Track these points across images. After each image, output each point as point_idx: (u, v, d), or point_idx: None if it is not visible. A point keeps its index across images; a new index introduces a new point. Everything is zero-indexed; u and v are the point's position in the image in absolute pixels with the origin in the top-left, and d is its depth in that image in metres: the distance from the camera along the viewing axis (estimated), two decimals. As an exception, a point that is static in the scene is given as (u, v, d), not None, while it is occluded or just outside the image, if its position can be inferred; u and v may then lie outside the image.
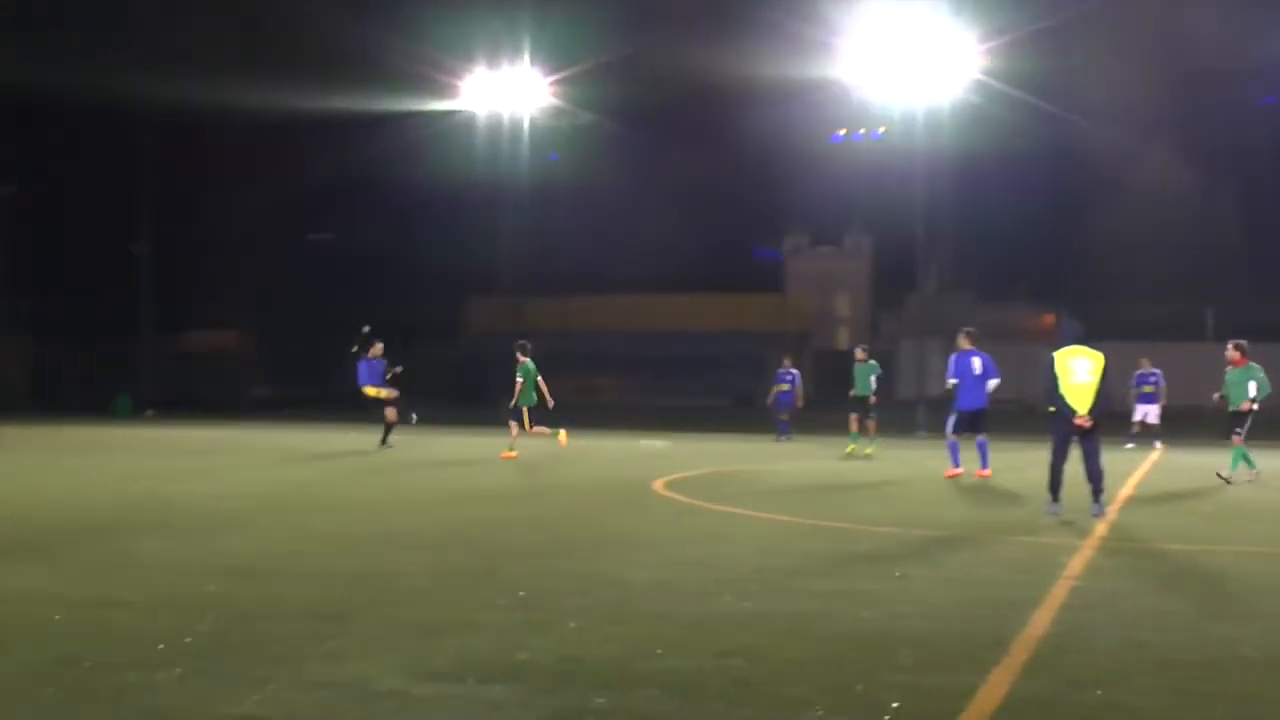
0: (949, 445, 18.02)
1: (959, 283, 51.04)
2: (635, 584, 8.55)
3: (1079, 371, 12.59)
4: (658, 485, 16.14)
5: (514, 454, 21.24)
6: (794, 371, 28.76)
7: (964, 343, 17.95)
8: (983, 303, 53.58)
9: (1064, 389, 12.59)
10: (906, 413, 35.13)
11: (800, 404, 28.68)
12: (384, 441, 22.99)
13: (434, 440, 25.83)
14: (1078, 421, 12.48)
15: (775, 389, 28.88)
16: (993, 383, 17.65)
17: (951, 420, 17.94)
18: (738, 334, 54.81)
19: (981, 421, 17.78)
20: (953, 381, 17.84)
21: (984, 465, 17.67)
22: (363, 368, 23.44)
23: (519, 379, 21.49)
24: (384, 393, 23.33)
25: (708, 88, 40.42)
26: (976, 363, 17.75)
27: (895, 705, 5.50)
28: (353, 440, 23.11)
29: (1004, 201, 49.03)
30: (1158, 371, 26.80)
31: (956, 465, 17.80)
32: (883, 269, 57.09)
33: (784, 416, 28.38)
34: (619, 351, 55.10)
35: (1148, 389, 26.63)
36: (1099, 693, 5.80)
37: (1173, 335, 46.79)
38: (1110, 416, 13.30)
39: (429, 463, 20.43)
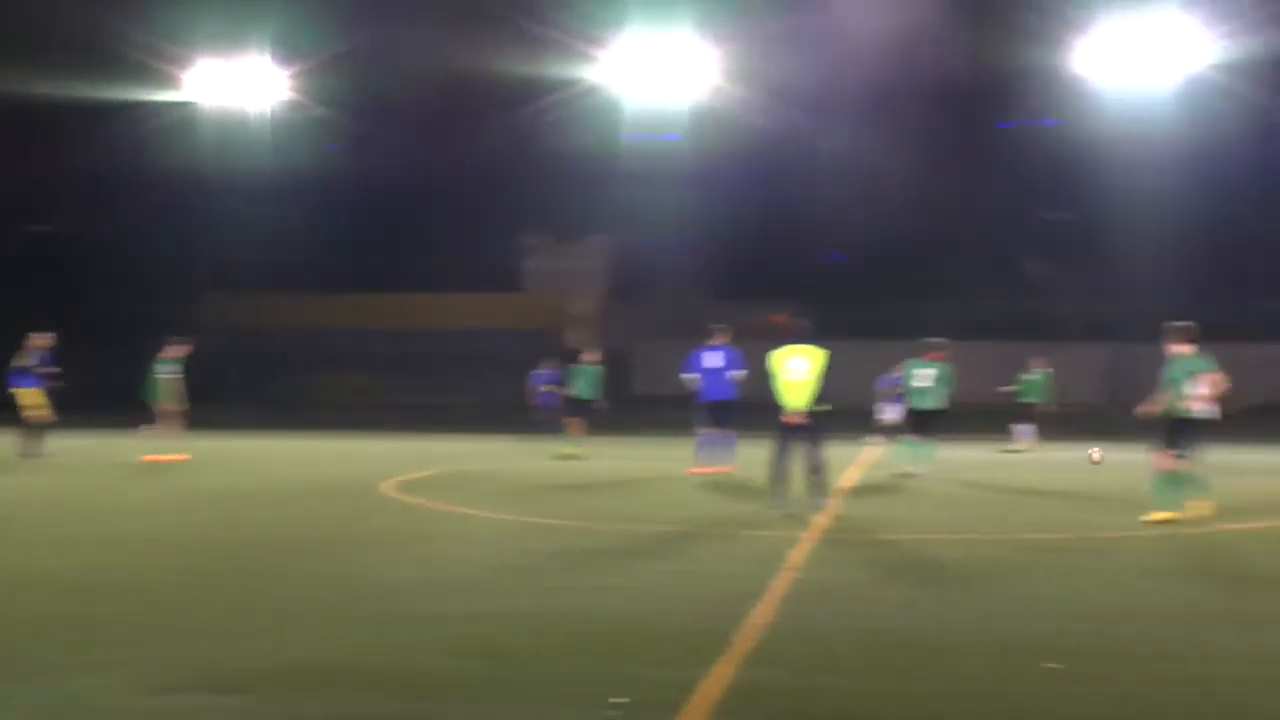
0: (698, 440, 18.48)
1: (696, 282, 52.07)
2: (369, 586, 8.53)
3: (795, 370, 13.05)
4: (391, 486, 16.02)
5: (179, 456, 20.16)
6: (553, 372, 28.75)
7: (712, 339, 18.39)
8: (720, 301, 54.72)
9: (780, 386, 13.07)
10: (640, 411, 35.68)
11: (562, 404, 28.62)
12: (28, 450, 20.22)
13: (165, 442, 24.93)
14: (788, 419, 12.97)
15: (537, 389, 28.84)
16: (736, 374, 18.03)
17: (699, 415, 18.42)
18: (481, 333, 54.51)
19: (726, 415, 18.20)
20: (691, 377, 18.29)
21: (724, 461, 18.07)
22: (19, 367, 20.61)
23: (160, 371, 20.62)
24: (30, 397, 20.42)
25: (454, 84, 40.06)
26: (713, 357, 18.17)
27: (623, 700, 5.66)
28: (100, 445, 22.02)
29: (742, 201, 50.11)
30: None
31: (705, 462, 18.15)
32: (621, 268, 57.65)
33: (548, 417, 28.34)
34: (360, 350, 54.10)
35: (899, 390, 27.61)
36: (819, 679, 6.12)
37: (900, 333, 48.72)
38: (843, 414, 13.83)
39: (156, 466, 19.70)
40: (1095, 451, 20.37)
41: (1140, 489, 13.58)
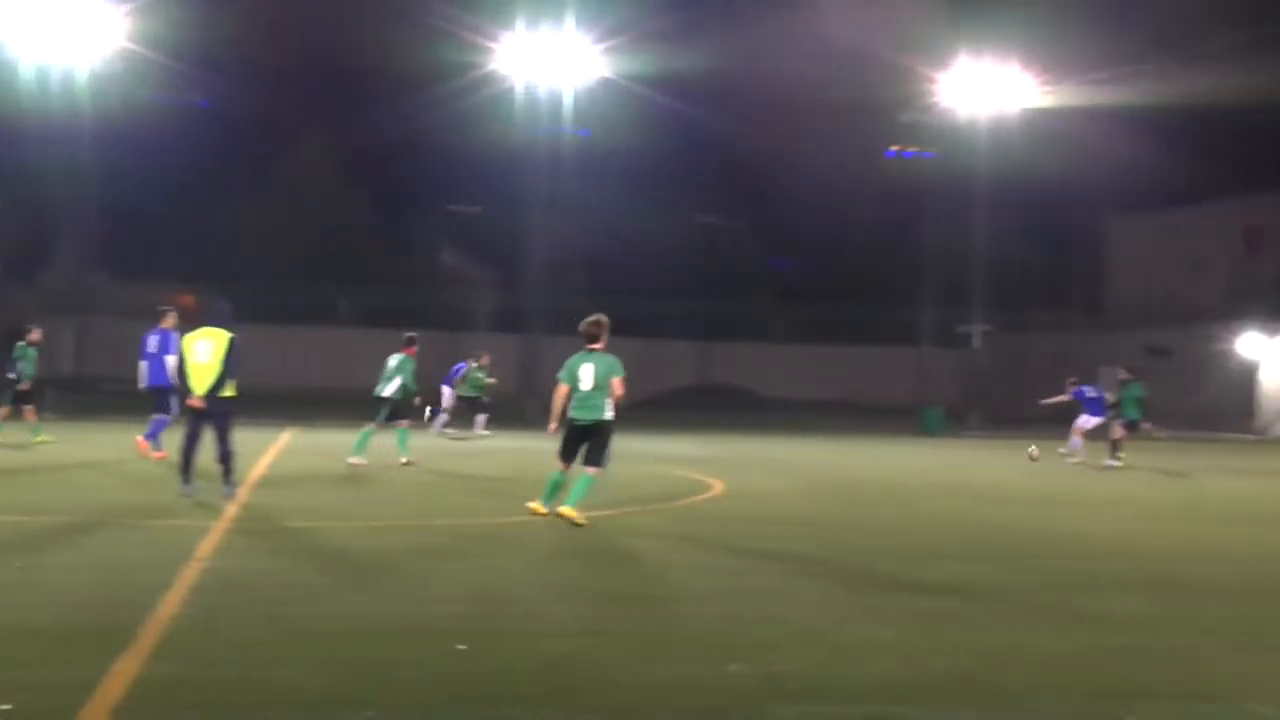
0: (154, 423, 17.71)
1: (96, 259, 49.15)
2: None
3: (200, 352, 12.66)
4: None
5: None
6: None
7: (161, 322, 17.73)
8: (122, 280, 51.99)
9: (189, 370, 12.65)
10: (39, 394, 33.26)
11: None
12: None
13: None
14: (191, 402, 12.59)
15: None
16: (171, 358, 17.34)
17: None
18: None
19: (162, 401, 17.49)
20: (142, 363, 17.71)
21: (152, 443, 17.53)
22: None
23: None
24: None
25: None
26: (153, 341, 17.72)
27: (7, 707, 5.26)
28: None
29: (147, 176, 47.90)
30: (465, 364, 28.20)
31: (158, 448, 17.49)
32: (11, 241, 53.37)
33: None
34: None
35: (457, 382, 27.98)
36: (227, 670, 5.98)
37: (309, 319, 48.47)
38: (266, 399, 13.48)
39: None
40: (1034, 449, 22.58)
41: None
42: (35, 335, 21.33)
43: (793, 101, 46.80)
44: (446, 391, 28.19)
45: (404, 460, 18.15)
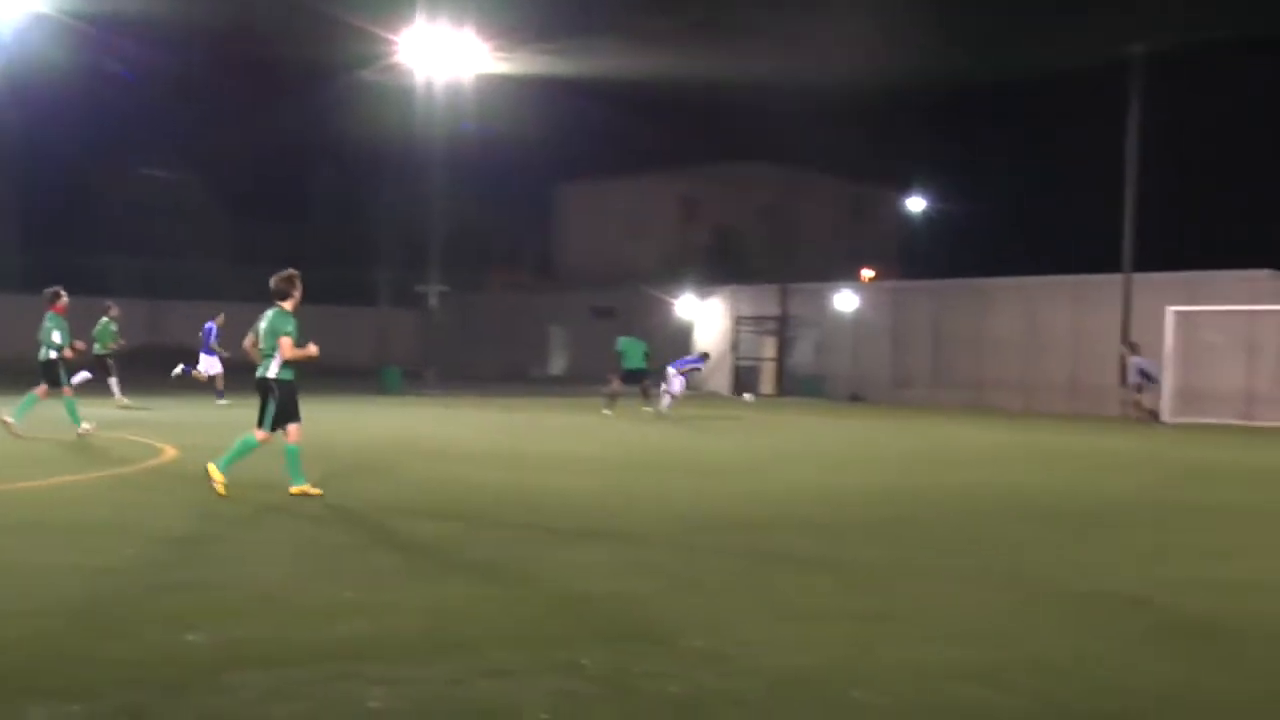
0: None
1: None
2: None
3: None
4: None
5: None
6: None
7: None
8: None
9: None
10: None
11: None
12: None
13: None
14: None
15: None
16: None
17: None
18: None
19: None
20: None
21: None
22: None
23: None
24: None
25: None
26: None
27: None
28: None
29: None
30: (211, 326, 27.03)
31: None
32: None
33: None
34: None
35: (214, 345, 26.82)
36: None
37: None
38: None
39: None
40: (748, 396, 26.64)
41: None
42: None
43: (247, 55, 45.53)
44: (207, 359, 26.19)
45: (83, 428, 16.93)
